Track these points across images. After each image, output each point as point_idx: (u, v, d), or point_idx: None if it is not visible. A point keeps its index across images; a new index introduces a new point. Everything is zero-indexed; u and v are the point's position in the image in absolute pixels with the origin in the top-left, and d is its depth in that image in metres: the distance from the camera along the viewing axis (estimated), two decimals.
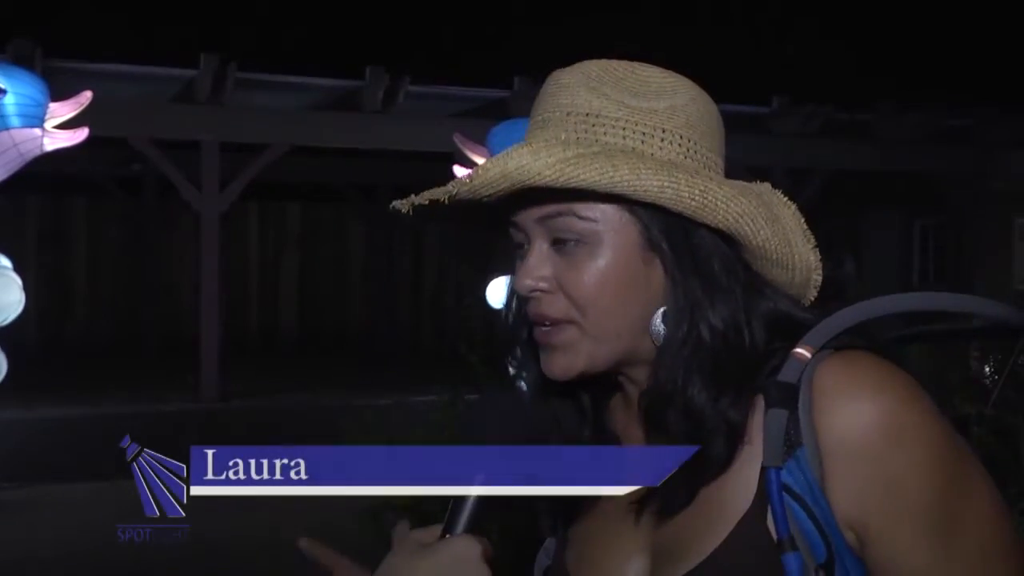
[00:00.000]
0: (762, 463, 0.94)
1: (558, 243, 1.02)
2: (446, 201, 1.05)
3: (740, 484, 0.97)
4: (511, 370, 1.13)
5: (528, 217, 1.03)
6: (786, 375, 0.95)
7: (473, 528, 0.94)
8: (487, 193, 1.01)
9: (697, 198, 0.96)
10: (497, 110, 10.05)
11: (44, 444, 8.13)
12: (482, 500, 0.95)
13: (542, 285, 1.02)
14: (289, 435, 7.93)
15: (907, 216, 14.00)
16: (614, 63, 1.05)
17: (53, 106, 7.19)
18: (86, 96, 7.30)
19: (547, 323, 1.02)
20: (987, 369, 5.62)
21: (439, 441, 5.20)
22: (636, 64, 1.05)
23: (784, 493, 0.93)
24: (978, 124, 12.00)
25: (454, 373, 5.95)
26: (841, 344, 0.97)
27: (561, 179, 0.95)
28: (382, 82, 9.98)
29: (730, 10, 14.42)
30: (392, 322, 14.71)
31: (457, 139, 8.00)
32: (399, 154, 12.14)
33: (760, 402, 0.97)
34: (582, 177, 0.95)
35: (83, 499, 7.19)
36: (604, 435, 1.09)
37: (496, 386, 5.50)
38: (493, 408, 1.03)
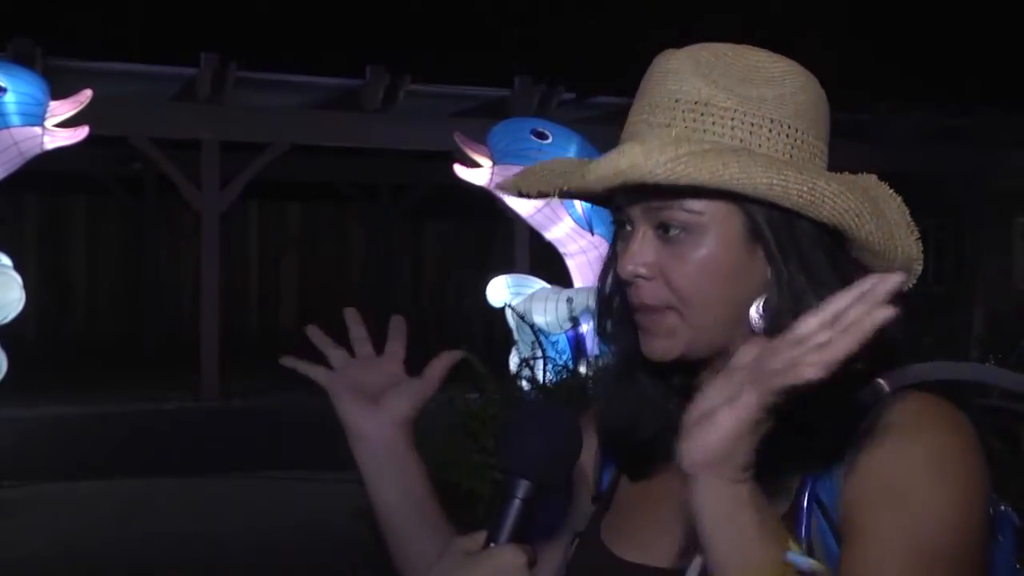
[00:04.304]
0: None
1: (662, 230, 1.03)
2: (554, 194, 1.07)
3: (783, 486, 0.98)
4: (599, 338, 1.14)
5: (635, 206, 1.04)
6: (860, 397, 0.96)
7: (518, 536, 0.94)
8: (599, 188, 1.03)
9: (805, 195, 0.97)
10: (497, 109, 10.05)
11: (44, 443, 8.13)
12: (526, 507, 0.95)
13: (642, 271, 1.03)
14: (289, 434, 7.94)
15: None
16: (723, 47, 1.06)
17: (53, 104, 7.20)
18: (86, 95, 7.30)
19: (649, 310, 1.04)
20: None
21: (440, 440, 5.20)
22: (745, 48, 1.06)
23: (815, 504, 0.95)
24: (978, 124, 11.99)
25: (454, 373, 5.94)
26: (921, 385, 0.98)
27: (671, 177, 0.97)
28: (382, 81, 9.98)
29: (731, 10, 14.43)
30: None
31: (458, 138, 8.02)
32: (399, 153, 12.14)
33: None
34: (692, 176, 0.96)
35: (83, 498, 7.19)
36: None
37: (500, 386, 5.44)
38: (536, 416, 1.04)
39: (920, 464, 0.93)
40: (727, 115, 1.01)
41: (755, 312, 1.02)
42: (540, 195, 1.10)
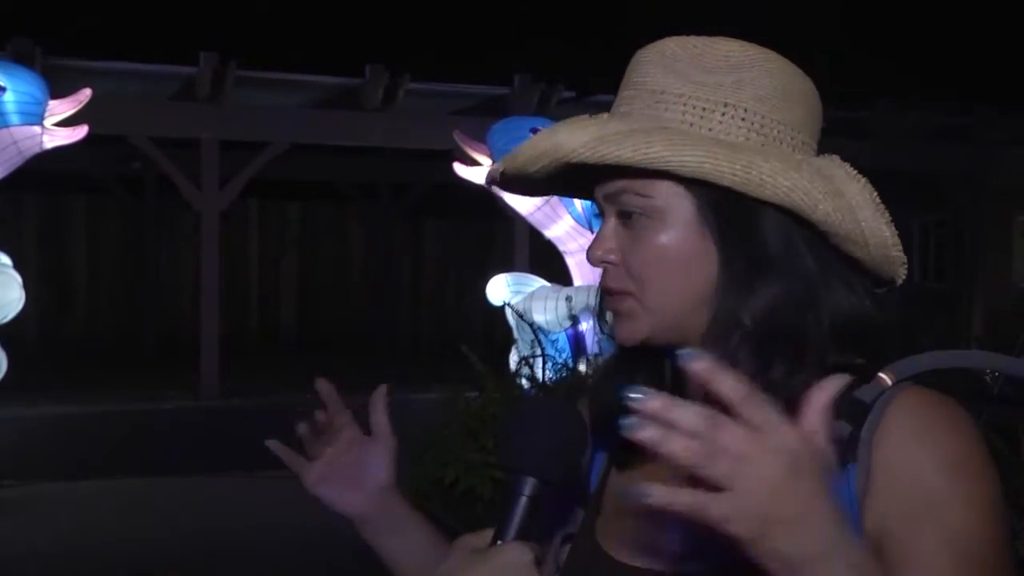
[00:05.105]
0: None
1: (625, 216, 1.04)
2: (498, 177, 1.09)
3: None
4: (602, 330, 1.16)
5: (598, 193, 1.06)
6: (862, 394, 0.95)
7: (524, 533, 0.94)
8: (532, 169, 1.05)
9: (739, 173, 0.96)
10: (497, 107, 10.05)
11: (44, 443, 8.13)
12: (533, 504, 0.95)
13: (609, 257, 1.05)
14: (289, 434, 7.92)
15: (906, 214, 14.00)
16: (694, 39, 1.05)
17: (52, 104, 7.19)
18: (85, 94, 7.30)
19: (611, 293, 1.06)
20: None
21: (440, 439, 5.20)
22: (718, 39, 1.05)
23: None
24: (978, 122, 11.99)
25: (454, 372, 5.94)
26: (922, 380, 0.97)
27: (595, 156, 0.97)
28: (382, 80, 9.97)
29: (733, 10, 14.43)
30: (392, 321, 14.72)
31: (457, 136, 8.02)
32: (399, 152, 12.14)
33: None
34: (616, 154, 0.97)
35: (83, 497, 7.19)
36: None
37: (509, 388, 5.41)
38: (539, 412, 1.04)
39: (935, 467, 0.92)
40: (680, 100, 1.01)
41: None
42: (490, 182, 1.12)
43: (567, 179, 1.07)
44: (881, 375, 0.96)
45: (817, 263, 1.01)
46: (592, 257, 1.06)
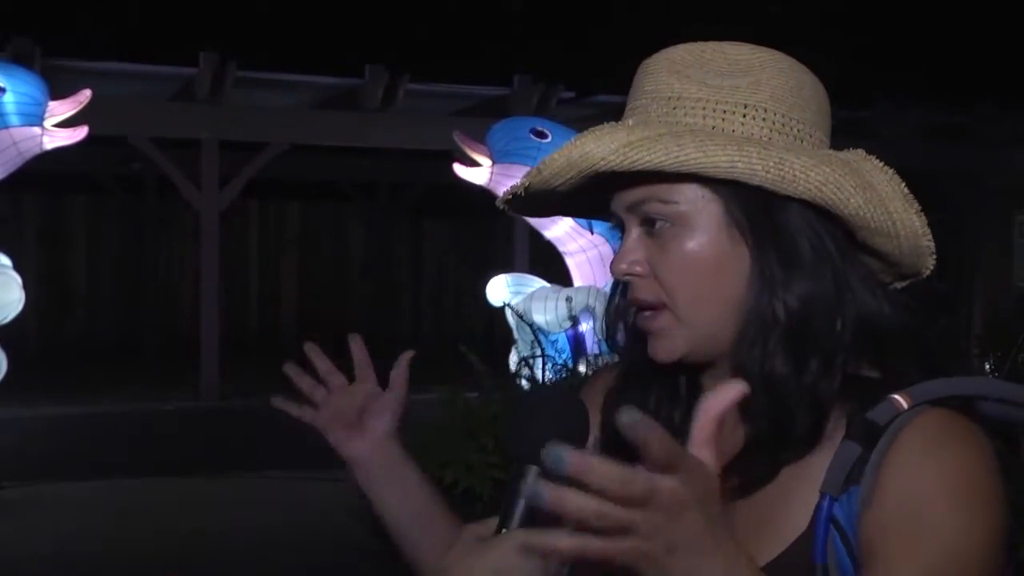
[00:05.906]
0: (820, 488, 0.94)
1: (648, 226, 1.02)
2: (522, 194, 1.06)
3: (803, 504, 0.97)
4: (607, 352, 1.14)
5: (619, 205, 1.03)
6: (876, 415, 0.94)
7: (528, 522, 0.94)
8: (558, 183, 1.02)
9: (772, 170, 0.95)
10: (497, 108, 10.04)
11: (44, 443, 8.13)
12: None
13: (636, 269, 1.02)
14: (288, 434, 7.93)
15: None
16: (701, 45, 1.04)
17: (52, 104, 7.20)
18: (85, 95, 7.30)
19: (643, 307, 1.03)
20: (987, 366, 5.64)
21: (439, 440, 5.20)
22: (725, 43, 1.04)
23: (831, 524, 0.93)
24: (978, 121, 11.99)
25: (453, 372, 5.94)
26: (940, 400, 0.95)
27: (625, 163, 0.95)
28: (382, 80, 9.97)
29: (733, 10, 14.43)
30: (392, 321, 14.71)
31: (457, 137, 8.02)
32: (399, 152, 12.14)
33: (842, 424, 0.97)
34: (647, 159, 0.95)
35: (83, 498, 7.19)
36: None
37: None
38: (545, 402, 1.03)
39: (935, 489, 0.91)
40: (699, 105, 1.00)
41: None
42: (516, 207, 1.09)
43: (584, 195, 1.04)
44: (896, 397, 0.94)
45: (843, 261, 1.00)
46: (617, 270, 1.02)
